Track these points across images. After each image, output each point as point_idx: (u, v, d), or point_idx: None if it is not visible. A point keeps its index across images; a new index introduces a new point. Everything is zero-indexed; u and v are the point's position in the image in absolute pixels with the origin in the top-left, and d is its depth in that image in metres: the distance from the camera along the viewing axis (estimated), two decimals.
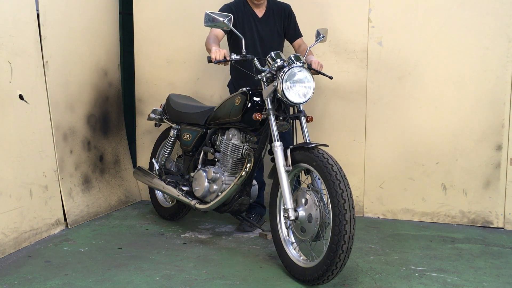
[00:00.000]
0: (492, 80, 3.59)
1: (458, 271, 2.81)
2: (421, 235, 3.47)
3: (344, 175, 2.45)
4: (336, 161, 2.50)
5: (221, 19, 2.82)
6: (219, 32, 3.28)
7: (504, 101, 3.57)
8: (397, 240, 3.37)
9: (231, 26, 2.84)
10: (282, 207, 2.83)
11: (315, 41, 3.14)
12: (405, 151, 3.80)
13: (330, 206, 2.44)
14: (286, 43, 3.64)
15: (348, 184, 2.42)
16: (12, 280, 2.61)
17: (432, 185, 3.76)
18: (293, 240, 2.79)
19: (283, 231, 2.81)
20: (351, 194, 2.41)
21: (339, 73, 3.84)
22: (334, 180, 2.41)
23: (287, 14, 3.49)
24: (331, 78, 3.11)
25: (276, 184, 2.85)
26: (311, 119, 2.90)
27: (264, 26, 3.44)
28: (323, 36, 3.15)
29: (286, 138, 3.24)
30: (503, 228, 3.65)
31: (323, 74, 3.12)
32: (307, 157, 2.57)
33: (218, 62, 2.88)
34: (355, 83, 3.85)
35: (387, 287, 2.59)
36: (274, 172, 2.82)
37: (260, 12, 3.45)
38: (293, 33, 3.54)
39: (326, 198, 2.55)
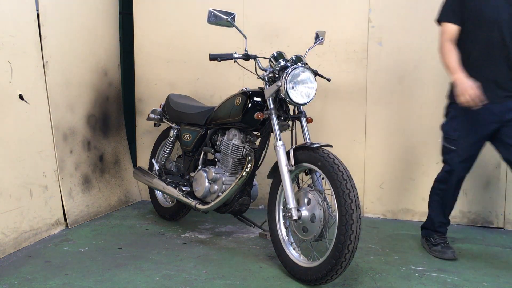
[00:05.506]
0: None
1: (458, 271, 2.81)
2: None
3: (350, 175, 2.46)
4: (341, 161, 2.50)
5: (225, 17, 2.82)
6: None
7: None
8: (397, 240, 3.37)
9: (234, 23, 2.84)
10: (281, 207, 2.83)
11: (314, 43, 3.14)
12: (405, 151, 3.80)
13: (334, 206, 2.44)
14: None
15: (354, 184, 2.43)
16: (12, 280, 2.61)
17: None
18: (293, 240, 2.79)
19: (282, 231, 2.81)
20: (357, 194, 2.42)
21: (339, 73, 3.84)
22: (341, 180, 2.41)
23: None
24: (329, 80, 3.10)
25: (276, 185, 2.85)
26: (311, 120, 2.89)
27: None
28: (322, 39, 3.15)
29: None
30: (503, 228, 3.65)
31: (321, 76, 3.11)
32: (312, 157, 2.57)
33: (221, 59, 2.88)
34: (355, 83, 3.85)
35: (387, 287, 2.59)
36: (273, 172, 2.82)
37: None
38: None
39: (329, 198, 2.56)
